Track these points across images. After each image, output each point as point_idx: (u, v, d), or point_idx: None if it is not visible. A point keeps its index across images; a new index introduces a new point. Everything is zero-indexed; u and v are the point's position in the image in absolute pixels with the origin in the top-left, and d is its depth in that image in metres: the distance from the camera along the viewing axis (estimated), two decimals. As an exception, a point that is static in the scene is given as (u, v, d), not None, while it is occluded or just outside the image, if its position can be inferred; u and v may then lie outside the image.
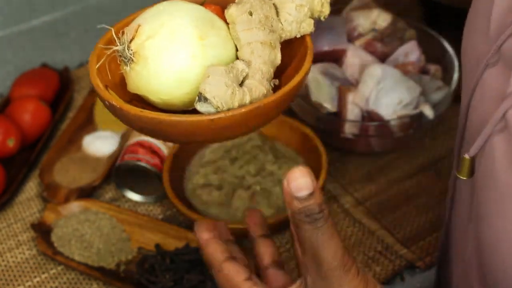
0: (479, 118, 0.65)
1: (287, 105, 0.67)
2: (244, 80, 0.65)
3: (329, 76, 1.06)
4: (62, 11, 1.36)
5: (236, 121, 0.64)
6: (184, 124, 0.63)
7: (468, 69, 0.70)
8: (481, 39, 0.66)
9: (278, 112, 0.67)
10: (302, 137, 1.06)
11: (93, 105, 1.18)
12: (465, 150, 0.71)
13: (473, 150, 0.63)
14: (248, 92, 0.64)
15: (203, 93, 0.62)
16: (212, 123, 0.63)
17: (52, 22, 1.35)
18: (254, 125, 0.66)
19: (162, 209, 1.06)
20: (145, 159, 1.04)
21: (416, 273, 0.96)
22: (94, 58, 0.69)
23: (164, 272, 0.95)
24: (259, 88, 0.65)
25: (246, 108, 0.63)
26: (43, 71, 1.21)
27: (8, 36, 1.33)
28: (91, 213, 1.03)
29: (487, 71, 0.64)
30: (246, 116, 0.64)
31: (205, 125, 0.63)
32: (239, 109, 0.63)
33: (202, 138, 0.66)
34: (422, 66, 1.09)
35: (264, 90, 0.65)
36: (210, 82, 0.62)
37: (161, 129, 0.64)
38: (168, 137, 0.66)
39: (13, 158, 1.11)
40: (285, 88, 0.65)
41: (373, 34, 1.10)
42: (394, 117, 1.02)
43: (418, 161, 1.09)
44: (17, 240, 1.04)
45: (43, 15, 1.35)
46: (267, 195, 1.01)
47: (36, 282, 0.99)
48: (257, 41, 0.66)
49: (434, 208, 1.03)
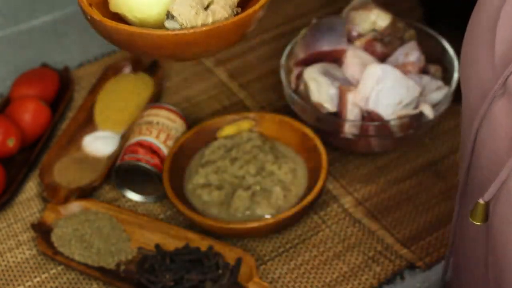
0: (489, 157, 0.63)
1: (245, 30, 0.79)
2: (209, 5, 0.77)
3: (329, 76, 1.06)
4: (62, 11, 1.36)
5: (197, 39, 0.74)
6: (152, 37, 0.74)
7: (471, 100, 0.67)
8: (485, 69, 0.65)
9: (237, 36, 0.78)
10: (302, 137, 1.06)
11: (93, 105, 1.18)
12: (472, 189, 0.69)
13: (488, 195, 0.61)
14: (211, 14, 0.75)
15: (170, 11, 0.74)
16: (177, 37, 0.74)
17: (52, 22, 1.35)
18: (216, 45, 0.77)
19: (162, 209, 1.06)
20: (145, 159, 1.04)
21: (416, 273, 0.96)
22: None
23: (164, 272, 0.95)
24: (221, 13, 0.76)
25: (207, 27, 0.74)
26: (43, 71, 1.21)
27: (8, 36, 1.33)
28: (91, 213, 1.03)
29: (495, 104, 0.62)
30: (207, 34, 0.75)
31: (170, 39, 0.74)
32: (200, 28, 0.74)
33: (169, 52, 0.77)
34: (422, 66, 1.09)
35: (226, 14, 0.76)
36: (178, 2, 0.74)
37: (133, 40, 0.76)
38: (140, 49, 0.77)
39: (13, 158, 1.11)
40: (243, 13, 0.77)
41: (373, 34, 1.10)
42: (394, 117, 1.02)
43: (418, 161, 1.09)
44: (17, 240, 1.04)
45: (43, 15, 1.35)
46: (267, 195, 1.01)
47: (36, 282, 0.99)
48: None
49: (434, 208, 1.03)
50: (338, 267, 0.98)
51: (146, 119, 1.09)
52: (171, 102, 1.21)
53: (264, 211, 1.00)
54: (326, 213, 1.04)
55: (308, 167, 1.04)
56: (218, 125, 1.10)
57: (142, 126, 1.08)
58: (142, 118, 1.10)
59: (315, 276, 0.97)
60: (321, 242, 1.00)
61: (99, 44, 1.32)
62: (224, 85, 1.23)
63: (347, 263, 0.98)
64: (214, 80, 1.24)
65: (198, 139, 1.09)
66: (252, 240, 1.01)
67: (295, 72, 1.11)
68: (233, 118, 1.10)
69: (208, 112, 1.19)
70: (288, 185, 1.02)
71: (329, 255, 0.99)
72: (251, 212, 1.00)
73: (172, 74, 1.25)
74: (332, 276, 0.97)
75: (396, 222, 1.02)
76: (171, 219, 1.05)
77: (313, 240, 1.01)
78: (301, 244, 1.00)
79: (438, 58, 1.12)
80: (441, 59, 1.12)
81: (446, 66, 1.11)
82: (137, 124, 1.10)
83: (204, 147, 1.08)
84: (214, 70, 1.25)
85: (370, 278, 0.96)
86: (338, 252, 0.99)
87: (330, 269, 0.97)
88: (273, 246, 1.01)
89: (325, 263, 0.98)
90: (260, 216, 0.99)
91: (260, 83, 1.23)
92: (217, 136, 1.09)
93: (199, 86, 1.23)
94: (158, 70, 1.22)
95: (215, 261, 0.95)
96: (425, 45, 1.12)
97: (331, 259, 0.98)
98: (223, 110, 1.19)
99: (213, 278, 0.94)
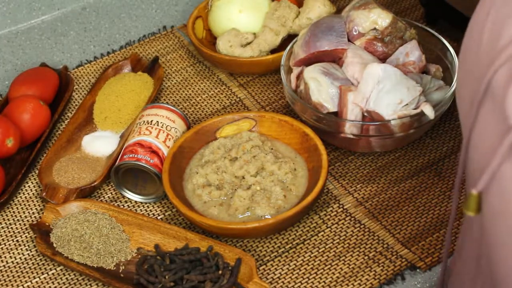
0: (481, 156, 0.64)
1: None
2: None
3: (329, 76, 1.06)
4: (61, 11, 1.36)
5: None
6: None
7: (463, 112, 0.69)
8: (473, 81, 0.65)
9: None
10: (302, 136, 1.06)
11: (92, 105, 1.18)
12: (468, 185, 0.70)
13: (480, 184, 0.61)
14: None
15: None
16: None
17: (51, 22, 1.35)
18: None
19: (161, 209, 1.06)
20: (144, 159, 1.04)
21: (417, 274, 0.96)
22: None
23: (164, 273, 0.94)
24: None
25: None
26: (42, 71, 1.20)
27: (7, 35, 1.33)
28: (90, 214, 1.02)
29: (482, 110, 0.63)
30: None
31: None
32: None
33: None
34: (422, 65, 1.09)
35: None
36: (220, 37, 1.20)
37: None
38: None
39: (12, 158, 1.11)
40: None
41: (374, 33, 1.09)
42: (395, 117, 1.02)
43: (419, 161, 1.09)
44: (16, 241, 1.03)
45: (43, 15, 1.35)
46: (267, 195, 1.00)
47: (35, 282, 0.98)
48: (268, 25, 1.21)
49: (434, 208, 1.03)
50: (338, 268, 0.97)
51: (146, 119, 1.09)
52: (171, 102, 1.20)
53: (264, 211, 0.99)
54: (326, 214, 1.03)
55: (308, 167, 1.04)
56: (218, 125, 1.09)
57: (141, 126, 1.08)
58: (142, 118, 1.10)
59: (315, 277, 0.96)
60: (321, 243, 1.00)
61: (98, 44, 1.31)
62: (224, 85, 1.23)
63: (348, 264, 0.97)
64: (214, 80, 1.24)
65: (198, 139, 1.08)
66: (252, 240, 1.01)
67: (295, 72, 1.11)
68: (233, 118, 1.09)
69: (208, 112, 1.19)
70: (288, 185, 1.02)
71: (329, 255, 0.99)
72: (251, 212, 1.00)
73: (172, 74, 1.25)
74: (333, 277, 0.96)
75: (397, 223, 1.02)
76: (170, 219, 1.04)
77: (313, 241, 1.00)
78: (301, 244, 1.00)
79: (438, 58, 1.12)
80: (442, 59, 1.12)
81: (446, 66, 1.11)
82: (136, 124, 1.10)
83: (204, 147, 1.08)
84: (214, 70, 1.25)
85: (370, 278, 0.96)
86: (338, 253, 0.99)
87: (331, 269, 0.97)
88: (273, 246, 1.00)
89: (325, 264, 0.98)
90: (260, 216, 0.99)
91: (260, 83, 1.22)
92: (217, 136, 1.09)
93: (199, 86, 1.23)
94: (158, 70, 1.21)
95: (215, 261, 0.95)
96: (426, 44, 1.12)
97: (331, 260, 0.98)
98: (223, 110, 1.19)
99: (213, 279, 0.94)
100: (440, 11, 1.23)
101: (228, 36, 1.20)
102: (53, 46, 1.31)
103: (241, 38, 1.20)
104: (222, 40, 1.20)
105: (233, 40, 1.20)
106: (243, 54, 1.19)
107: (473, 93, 0.65)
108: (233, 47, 1.19)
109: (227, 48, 1.19)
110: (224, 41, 1.20)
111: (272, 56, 1.19)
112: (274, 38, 1.20)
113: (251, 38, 1.21)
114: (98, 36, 1.33)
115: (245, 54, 1.19)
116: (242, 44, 1.20)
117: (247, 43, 1.21)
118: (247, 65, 1.20)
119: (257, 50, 1.19)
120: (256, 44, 1.20)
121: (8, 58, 1.29)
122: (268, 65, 1.20)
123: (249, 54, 1.19)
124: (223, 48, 1.20)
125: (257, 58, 1.19)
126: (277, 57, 1.17)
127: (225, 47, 1.20)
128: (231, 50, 1.19)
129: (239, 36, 1.20)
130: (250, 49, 1.19)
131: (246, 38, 1.20)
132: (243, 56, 1.19)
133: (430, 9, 1.27)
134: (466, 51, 0.68)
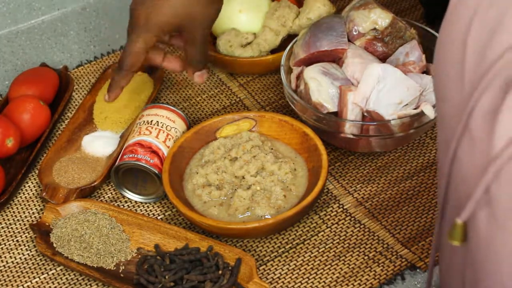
0: (466, 176, 0.62)
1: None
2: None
3: (329, 76, 1.06)
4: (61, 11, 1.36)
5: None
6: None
7: (447, 118, 0.66)
8: (456, 87, 0.63)
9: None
10: (302, 137, 1.06)
11: (92, 105, 1.18)
12: (451, 208, 0.67)
13: (464, 215, 0.59)
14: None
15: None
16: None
17: (51, 22, 1.35)
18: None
19: (161, 209, 1.06)
20: (144, 159, 1.04)
21: (417, 274, 0.96)
22: None
23: (164, 273, 0.94)
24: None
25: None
26: (42, 71, 1.20)
27: (7, 35, 1.32)
28: (90, 214, 1.02)
29: (471, 122, 0.61)
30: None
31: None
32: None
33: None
34: (422, 65, 1.09)
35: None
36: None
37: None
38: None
39: (12, 158, 1.11)
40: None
41: (374, 33, 1.09)
42: (395, 117, 1.02)
43: (419, 161, 1.09)
44: (16, 241, 1.03)
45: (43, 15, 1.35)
46: (267, 195, 1.00)
47: (35, 282, 0.98)
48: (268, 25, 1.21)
49: (434, 208, 1.03)
50: (338, 268, 0.97)
51: (146, 119, 1.09)
52: (171, 102, 1.20)
53: (264, 211, 0.99)
54: (326, 214, 1.03)
55: (308, 167, 1.04)
56: (218, 125, 1.09)
57: (141, 126, 1.08)
58: (142, 118, 1.10)
59: (315, 277, 0.96)
60: (321, 243, 1.00)
61: (98, 44, 1.31)
62: (224, 85, 1.23)
63: (348, 264, 0.97)
64: (214, 80, 1.24)
65: (198, 139, 1.08)
66: (252, 240, 1.01)
67: (295, 72, 1.11)
68: (233, 118, 1.09)
69: (208, 112, 1.19)
70: (288, 185, 1.02)
71: (329, 255, 0.99)
72: (251, 212, 1.00)
73: (172, 74, 1.25)
74: (332, 277, 0.96)
75: (397, 223, 1.02)
76: (170, 219, 1.04)
77: (313, 241, 1.00)
78: (301, 244, 1.00)
79: (438, 58, 1.12)
80: (442, 59, 1.12)
81: (446, 66, 1.11)
82: (136, 124, 1.09)
83: (204, 147, 1.08)
84: (214, 70, 1.25)
85: (370, 278, 0.96)
86: (338, 253, 0.99)
87: (330, 269, 0.97)
88: (273, 246, 1.00)
89: (325, 264, 0.98)
90: (260, 216, 0.99)
91: (260, 83, 1.22)
92: (217, 136, 1.09)
93: (199, 86, 1.23)
94: (158, 70, 1.21)
95: (215, 261, 0.95)
96: (426, 44, 1.12)
97: (331, 260, 0.98)
98: (223, 110, 1.19)
99: (213, 279, 0.94)
100: (440, 11, 1.23)
101: (228, 36, 1.21)
102: (53, 46, 1.31)
103: (241, 38, 1.20)
104: (222, 40, 1.21)
105: (233, 40, 1.20)
106: (243, 54, 1.20)
107: (458, 100, 0.63)
108: (233, 47, 1.20)
109: (227, 48, 1.20)
110: (224, 41, 1.20)
111: (272, 56, 1.19)
112: (274, 38, 1.21)
113: (251, 38, 1.21)
114: (98, 36, 1.32)
115: (245, 54, 1.20)
116: (242, 44, 1.21)
117: (247, 43, 1.21)
118: (247, 65, 1.20)
119: (257, 50, 1.20)
120: (256, 44, 1.20)
121: (8, 58, 1.29)
122: (268, 65, 1.20)
123: (249, 54, 1.19)
124: (223, 48, 1.20)
125: (257, 58, 1.19)
126: (277, 57, 1.17)
127: (225, 47, 1.20)
128: (231, 50, 1.20)
129: (239, 36, 1.20)
130: (250, 49, 1.20)
131: (246, 38, 1.21)
132: (243, 56, 1.19)
133: (430, 9, 1.27)
134: (442, 68, 0.66)
